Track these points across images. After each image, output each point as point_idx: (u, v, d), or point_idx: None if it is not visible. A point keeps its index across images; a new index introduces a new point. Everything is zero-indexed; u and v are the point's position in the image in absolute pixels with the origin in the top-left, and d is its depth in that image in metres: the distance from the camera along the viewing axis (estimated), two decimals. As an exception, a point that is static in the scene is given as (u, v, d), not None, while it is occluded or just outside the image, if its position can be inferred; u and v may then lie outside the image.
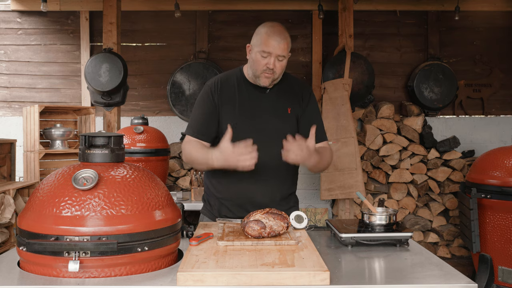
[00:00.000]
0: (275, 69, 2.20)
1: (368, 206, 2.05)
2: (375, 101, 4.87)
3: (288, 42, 2.21)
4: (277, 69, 2.21)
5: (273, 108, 2.31)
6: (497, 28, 5.09)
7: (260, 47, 2.19)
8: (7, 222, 3.30)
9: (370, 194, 4.64)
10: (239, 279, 1.44)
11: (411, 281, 1.52)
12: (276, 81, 2.30)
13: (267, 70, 2.20)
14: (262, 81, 2.24)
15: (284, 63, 2.24)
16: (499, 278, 3.36)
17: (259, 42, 2.20)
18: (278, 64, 2.20)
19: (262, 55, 2.19)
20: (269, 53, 2.17)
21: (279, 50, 2.17)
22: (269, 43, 2.17)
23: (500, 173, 3.36)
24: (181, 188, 4.65)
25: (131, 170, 1.67)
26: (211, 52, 5.02)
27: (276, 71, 2.22)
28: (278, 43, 2.16)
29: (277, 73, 2.23)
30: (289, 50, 2.24)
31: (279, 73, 2.24)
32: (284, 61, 2.23)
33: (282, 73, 2.27)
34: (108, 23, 4.45)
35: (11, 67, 4.98)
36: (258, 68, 2.22)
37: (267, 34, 2.18)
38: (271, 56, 2.18)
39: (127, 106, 4.93)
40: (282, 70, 2.25)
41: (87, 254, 1.49)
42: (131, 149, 3.96)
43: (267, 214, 1.85)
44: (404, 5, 4.99)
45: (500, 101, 5.09)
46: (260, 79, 2.24)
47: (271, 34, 2.18)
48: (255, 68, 2.24)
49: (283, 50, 2.18)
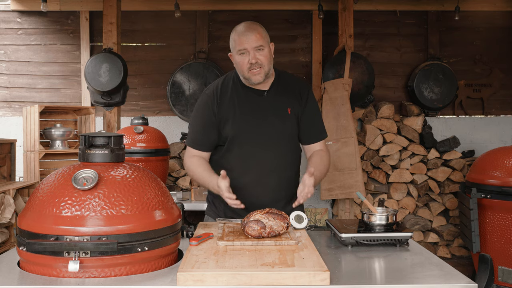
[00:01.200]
0: (259, 61, 2.20)
1: (368, 206, 2.05)
2: (375, 101, 4.87)
3: (259, 32, 2.21)
4: (262, 61, 2.21)
5: (273, 109, 2.30)
6: (497, 28, 5.09)
7: (236, 48, 2.22)
8: (7, 222, 3.30)
9: (370, 194, 4.64)
10: (239, 279, 1.44)
11: (411, 281, 1.52)
12: (269, 76, 2.28)
13: (251, 67, 2.21)
14: (254, 79, 2.23)
15: (267, 53, 2.22)
16: (499, 278, 3.35)
17: (233, 45, 2.25)
18: (259, 55, 2.20)
19: (240, 55, 2.21)
20: (245, 49, 2.20)
21: (253, 42, 2.19)
22: (241, 40, 2.20)
23: (500, 173, 3.36)
24: (181, 188, 4.65)
25: (131, 170, 1.67)
26: (211, 52, 5.02)
27: (262, 63, 2.21)
28: (248, 37, 2.19)
29: (264, 64, 2.21)
30: (266, 40, 2.23)
31: (266, 64, 2.22)
32: (265, 50, 2.22)
33: (270, 64, 2.25)
34: (108, 23, 4.45)
35: (11, 67, 4.98)
36: (244, 69, 2.23)
37: (236, 34, 2.23)
38: (248, 52, 2.20)
39: (127, 106, 4.93)
40: (268, 61, 2.23)
41: (87, 254, 1.49)
42: (131, 149, 3.96)
43: (267, 214, 1.85)
44: (404, 5, 4.99)
45: (500, 101, 5.09)
46: (251, 78, 2.23)
47: (239, 33, 2.22)
48: (241, 70, 2.25)
49: (257, 40, 2.19)
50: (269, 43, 2.26)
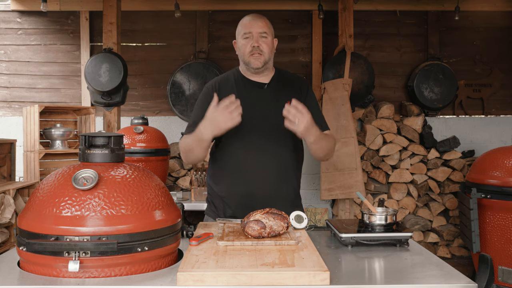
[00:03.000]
0: (261, 47, 2.27)
1: (368, 206, 2.05)
2: (375, 101, 4.87)
3: (266, 21, 2.32)
4: (263, 48, 2.28)
5: (273, 101, 2.32)
6: (497, 28, 5.08)
7: (241, 32, 2.32)
8: (7, 222, 3.30)
9: (370, 194, 4.64)
10: (239, 279, 1.44)
11: (411, 281, 1.52)
12: (268, 67, 2.34)
13: (253, 50, 2.27)
14: (253, 63, 2.29)
15: (269, 42, 2.31)
16: (499, 278, 3.35)
17: (239, 30, 2.34)
18: (262, 41, 2.28)
19: (244, 38, 2.30)
20: (250, 32, 2.29)
21: (259, 28, 2.28)
22: (247, 24, 2.30)
23: (500, 173, 3.36)
24: (181, 188, 4.65)
25: (131, 170, 1.67)
26: (211, 52, 5.02)
27: (263, 50, 2.28)
28: (255, 22, 2.29)
29: (265, 52, 2.29)
30: (271, 30, 2.33)
31: (267, 52, 2.29)
32: (269, 38, 2.31)
33: (271, 54, 2.32)
34: (108, 23, 4.45)
35: (11, 67, 4.98)
36: (245, 52, 2.30)
37: (244, 20, 2.35)
38: (252, 35, 2.28)
39: (127, 106, 4.93)
40: (269, 49, 2.31)
41: (87, 254, 1.49)
42: (131, 149, 3.96)
43: (267, 214, 1.85)
44: (404, 5, 4.99)
45: (500, 101, 5.09)
46: (250, 62, 2.29)
47: (248, 18, 2.33)
48: (243, 53, 2.32)
49: (263, 26, 2.29)
50: (273, 36, 2.35)
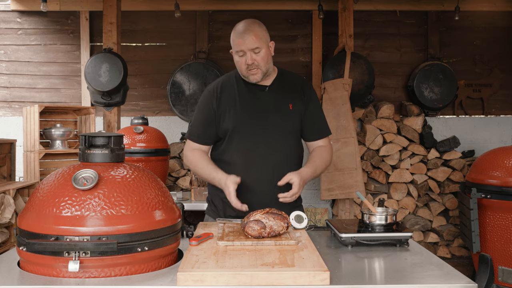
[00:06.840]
0: (255, 63, 2.23)
1: (368, 206, 2.05)
2: (375, 101, 4.87)
3: (256, 34, 2.22)
4: (259, 62, 2.24)
5: (274, 105, 2.32)
6: (497, 28, 5.08)
7: (234, 49, 2.28)
8: (7, 222, 3.30)
9: (370, 194, 4.64)
10: (239, 279, 1.44)
11: (411, 281, 1.52)
12: (268, 74, 2.31)
13: (249, 67, 2.24)
14: (252, 78, 2.28)
15: (263, 54, 2.24)
16: (499, 278, 3.35)
17: (232, 45, 2.29)
18: (256, 57, 2.23)
19: (238, 56, 2.26)
20: (242, 51, 2.23)
21: (249, 44, 2.21)
22: (238, 43, 2.24)
23: (500, 173, 3.36)
24: (181, 188, 4.65)
25: (131, 170, 1.67)
26: (211, 52, 5.02)
27: (259, 64, 2.24)
28: (244, 39, 2.21)
29: (261, 65, 2.25)
30: (264, 40, 2.24)
31: (263, 65, 2.25)
32: (262, 51, 2.24)
33: (267, 64, 2.27)
34: (108, 23, 4.44)
35: (11, 67, 4.98)
36: (242, 68, 2.28)
37: (234, 35, 2.26)
38: (245, 53, 2.23)
39: (127, 106, 4.93)
40: (265, 61, 2.25)
41: (87, 254, 1.49)
42: (131, 149, 3.96)
43: (267, 214, 1.85)
44: (404, 5, 4.99)
45: (500, 101, 5.09)
46: (249, 77, 2.28)
47: (237, 34, 2.25)
48: (240, 69, 2.30)
49: (253, 43, 2.21)
50: (267, 43, 2.28)
